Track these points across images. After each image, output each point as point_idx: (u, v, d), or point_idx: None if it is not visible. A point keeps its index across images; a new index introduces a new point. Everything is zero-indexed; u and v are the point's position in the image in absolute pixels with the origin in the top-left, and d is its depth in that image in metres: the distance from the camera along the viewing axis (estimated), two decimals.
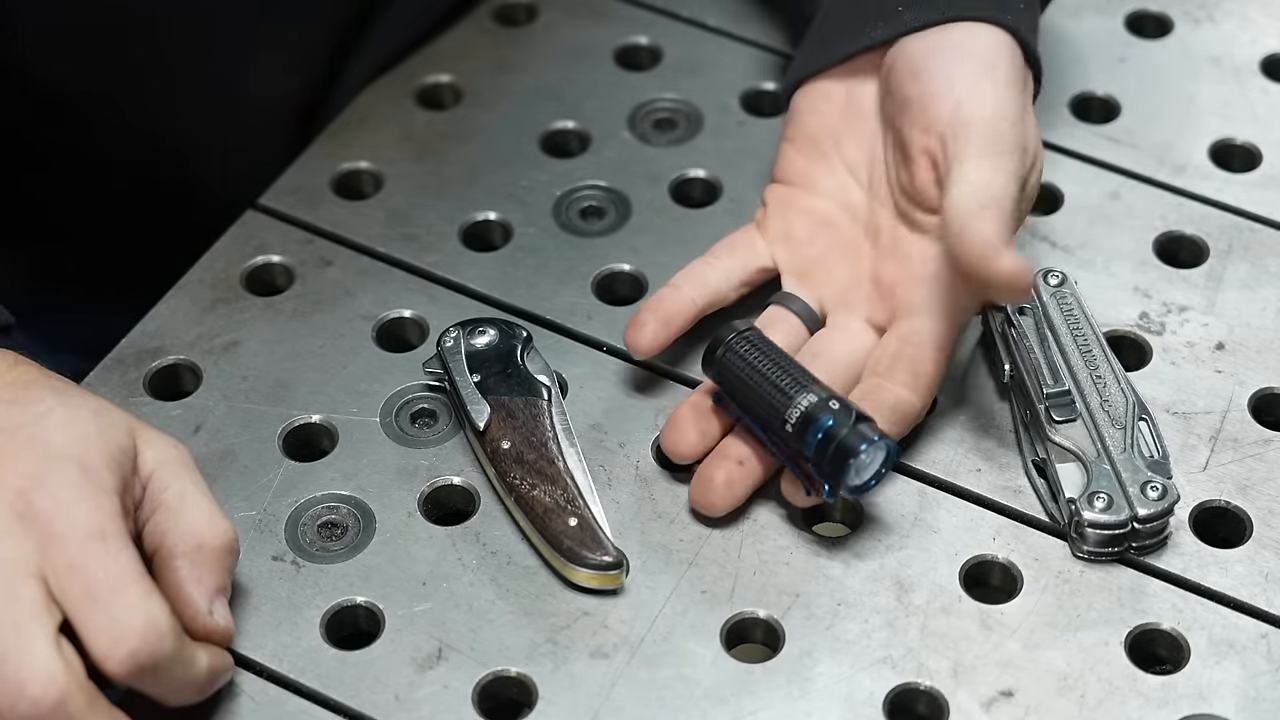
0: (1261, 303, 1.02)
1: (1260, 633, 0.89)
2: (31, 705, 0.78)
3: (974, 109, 0.93)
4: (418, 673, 0.88)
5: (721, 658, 0.89)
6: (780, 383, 0.91)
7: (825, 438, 0.89)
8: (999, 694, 0.87)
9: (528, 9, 1.18)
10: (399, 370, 0.99)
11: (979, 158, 0.91)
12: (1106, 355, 0.96)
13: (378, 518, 0.94)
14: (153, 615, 0.80)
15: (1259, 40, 1.16)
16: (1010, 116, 0.93)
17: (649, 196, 1.08)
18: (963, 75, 0.94)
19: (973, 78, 0.94)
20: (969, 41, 0.95)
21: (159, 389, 0.99)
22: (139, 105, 1.10)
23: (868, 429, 0.89)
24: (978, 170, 0.91)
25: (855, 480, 0.90)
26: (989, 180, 0.91)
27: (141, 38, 1.07)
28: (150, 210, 1.16)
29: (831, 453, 0.89)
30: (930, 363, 0.94)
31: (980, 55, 0.95)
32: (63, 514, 0.81)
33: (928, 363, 0.94)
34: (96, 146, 1.12)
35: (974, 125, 0.92)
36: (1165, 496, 0.91)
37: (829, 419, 0.89)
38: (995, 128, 0.92)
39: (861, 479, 0.90)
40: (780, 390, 0.90)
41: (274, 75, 1.12)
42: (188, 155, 1.13)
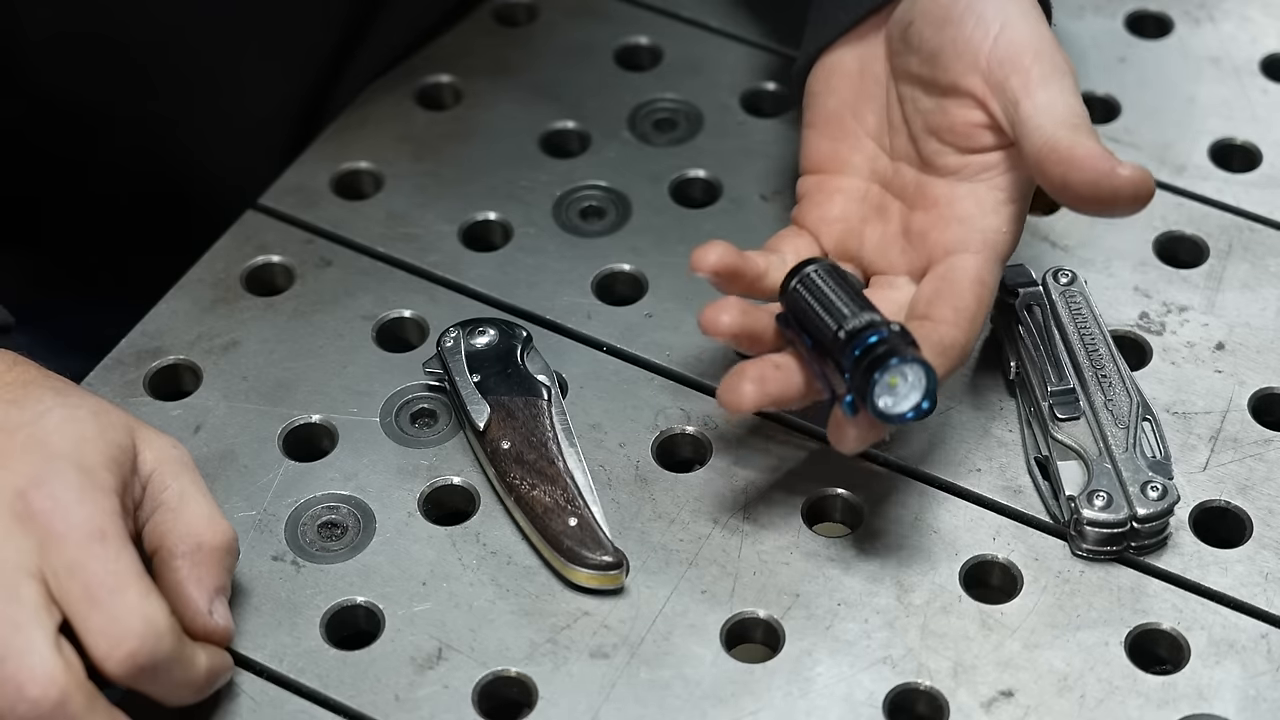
0: (1261, 303, 1.02)
1: (1260, 633, 0.89)
2: (31, 706, 0.78)
3: (1017, 38, 0.92)
4: (418, 673, 0.88)
5: (721, 658, 0.89)
6: (848, 304, 0.88)
7: (866, 349, 0.86)
8: (999, 694, 0.87)
9: (528, 9, 1.18)
10: (399, 370, 0.99)
11: (1045, 83, 0.90)
12: (1113, 354, 0.96)
13: (378, 518, 0.94)
14: (152, 616, 0.80)
15: (1259, 40, 1.16)
16: (1050, 37, 0.92)
17: (649, 196, 1.08)
18: (989, 9, 0.93)
19: (1000, 9, 0.93)
20: None
21: (159, 389, 0.99)
22: (139, 107, 1.10)
23: (914, 350, 0.86)
24: (1049, 95, 0.90)
25: (885, 399, 0.86)
26: (1066, 101, 0.90)
27: (141, 40, 1.07)
28: (150, 211, 1.16)
29: (866, 363, 0.86)
30: (970, 296, 0.91)
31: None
32: (62, 514, 0.81)
33: (967, 296, 0.91)
34: (96, 148, 1.12)
35: (1025, 54, 0.91)
36: (1165, 497, 0.91)
37: (882, 334, 0.86)
38: (1044, 51, 0.91)
39: (895, 403, 0.86)
40: (846, 309, 0.88)
41: (274, 75, 1.12)
42: (188, 155, 1.13)
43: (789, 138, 1.09)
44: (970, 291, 0.92)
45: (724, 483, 0.95)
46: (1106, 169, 0.87)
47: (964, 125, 0.93)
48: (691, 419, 0.97)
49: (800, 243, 0.97)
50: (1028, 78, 0.91)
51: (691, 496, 0.94)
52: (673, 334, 1.01)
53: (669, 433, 0.97)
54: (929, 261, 0.94)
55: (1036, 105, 0.90)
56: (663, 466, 0.96)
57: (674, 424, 0.97)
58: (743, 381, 0.89)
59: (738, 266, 0.92)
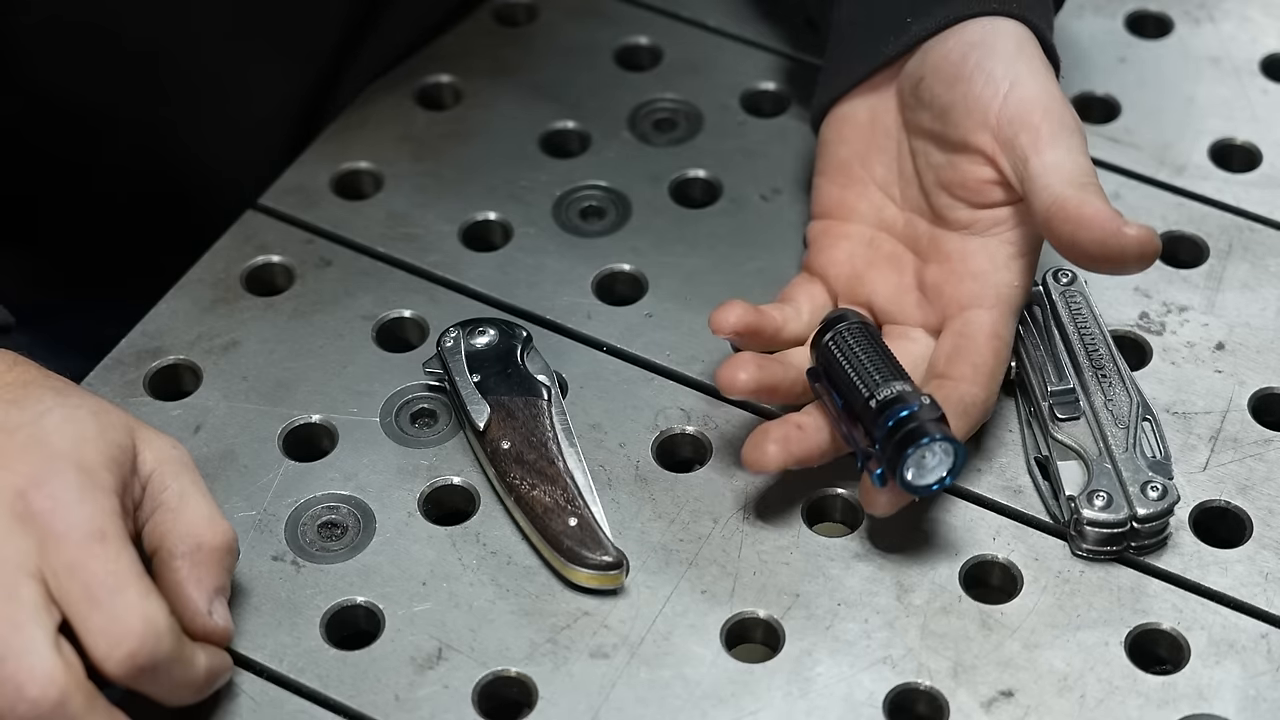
0: (1261, 303, 1.02)
1: (1260, 633, 0.89)
2: (31, 706, 0.78)
3: (1026, 96, 0.93)
4: (418, 673, 0.88)
5: (721, 658, 0.89)
6: (880, 369, 0.90)
7: (898, 423, 0.87)
8: (999, 694, 0.87)
9: (528, 9, 1.18)
10: (399, 370, 0.99)
11: (1054, 142, 0.91)
12: (1113, 355, 0.96)
13: (378, 518, 0.94)
14: (151, 616, 0.80)
15: (1259, 40, 1.16)
16: (1059, 95, 0.93)
17: (649, 196, 1.08)
18: (999, 67, 0.94)
19: (1009, 67, 0.94)
20: (989, 36, 0.95)
21: (159, 389, 0.99)
22: (138, 106, 1.10)
23: (943, 427, 0.88)
24: (1058, 154, 0.91)
25: (913, 472, 0.88)
26: (1074, 160, 0.91)
27: (141, 39, 1.07)
28: (150, 211, 1.16)
29: (898, 438, 0.87)
30: (987, 352, 0.93)
31: (1006, 45, 0.95)
32: (62, 514, 0.81)
33: (985, 353, 0.93)
34: (95, 147, 1.12)
35: (1034, 112, 0.92)
36: (1165, 497, 0.91)
37: (913, 408, 0.88)
38: (1053, 109, 0.92)
39: (923, 476, 0.88)
40: (878, 375, 0.89)
41: (274, 75, 1.12)
42: (188, 155, 1.13)
43: (789, 138, 1.10)
44: (987, 347, 0.93)
45: (724, 483, 0.95)
46: (1114, 229, 0.89)
47: (975, 181, 0.95)
48: (691, 419, 0.97)
49: (813, 290, 0.98)
50: (1037, 135, 0.92)
51: (691, 496, 0.94)
52: (673, 334, 1.01)
53: (669, 433, 0.97)
54: (944, 316, 0.95)
55: (1045, 164, 0.91)
56: (663, 466, 0.96)
57: (674, 424, 0.97)
58: (767, 442, 0.90)
59: (756, 324, 0.94)
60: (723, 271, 1.04)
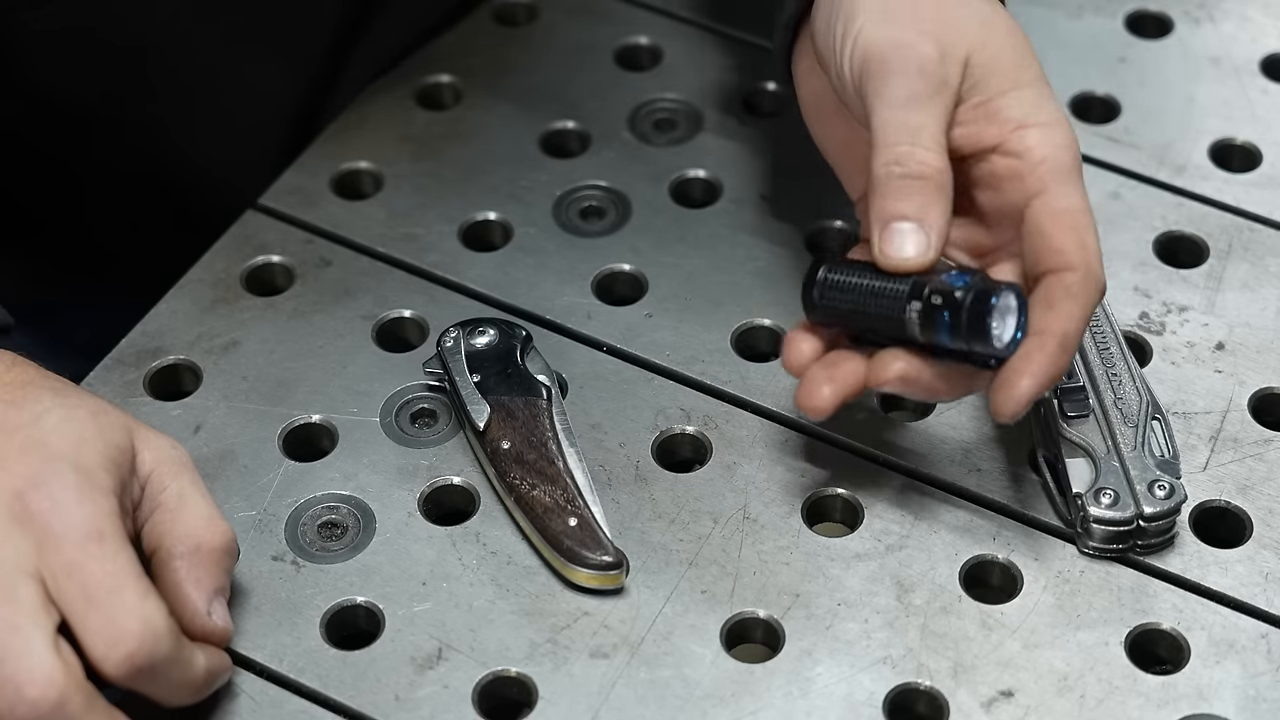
0: (1261, 303, 1.02)
1: (1260, 633, 0.89)
2: (30, 707, 0.78)
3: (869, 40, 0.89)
4: (418, 673, 0.88)
5: (721, 658, 0.89)
6: (883, 293, 0.87)
7: (953, 313, 0.85)
8: (999, 694, 0.87)
9: (528, 9, 1.18)
10: (399, 370, 0.99)
11: (882, 90, 0.89)
12: (1124, 353, 0.96)
13: (378, 518, 0.94)
14: (150, 617, 0.80)
15: (1259, 40, 1.16)
16: (909, 38, 0.89)
17: (649, 196, 1.08)
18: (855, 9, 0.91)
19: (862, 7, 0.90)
20: None
21: (159, 389, 0.99)
22: (137, 108, 1.10)
23: (981, 278, 0.86)
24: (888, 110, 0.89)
25: (1002, 330, 0.85)
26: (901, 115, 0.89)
27: (141, 41, 1.07)
28: (150, 211, 1.16)
29: (968, 313, 0.85)
30: (1083, 228, 0.88)
31: None
32: (60, 515, 0.81)
33: (1082, 229, 0.88)
34: (95, 148, 1.12)
35: (871, 59, 0.89)
36: (1172, 496, 0.91)
37: (960, 280, 0.86)
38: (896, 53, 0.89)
39: (1005, 328, 0.86)
40: (892, 284, 0.87)
41: (274, 76, 1.12)
42: (188, 156, 1.13)
43: (789, 138, 1.09)
44: (1061, 226, 0.88)
45: (724, 483, 0.95)
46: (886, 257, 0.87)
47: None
48: (691, 419, 0.97)
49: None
50: (878, 84, 0.89)
51: (691, 496, 0.94)
52: (673, 334, 1.01)
53: (669, 433, 0.97)
54: (1006, 227, 0.91)
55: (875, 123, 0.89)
56: (663, 466, 0.96)
57: (674, 424, 0.97)
58: (820, 386, 0.88)
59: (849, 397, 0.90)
60: (723, 271, 1.04)
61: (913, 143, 0.87)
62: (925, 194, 0.87)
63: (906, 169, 0.87)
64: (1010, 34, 0.91)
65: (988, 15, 0.91)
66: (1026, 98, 0.89)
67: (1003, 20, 0.92)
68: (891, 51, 0.88)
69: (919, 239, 0.87)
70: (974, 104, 0.89)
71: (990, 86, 0.89)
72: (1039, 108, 0.89)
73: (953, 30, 0.90)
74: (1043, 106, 0.89)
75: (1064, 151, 0.89)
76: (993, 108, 0.89)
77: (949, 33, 0.89)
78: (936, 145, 0.87)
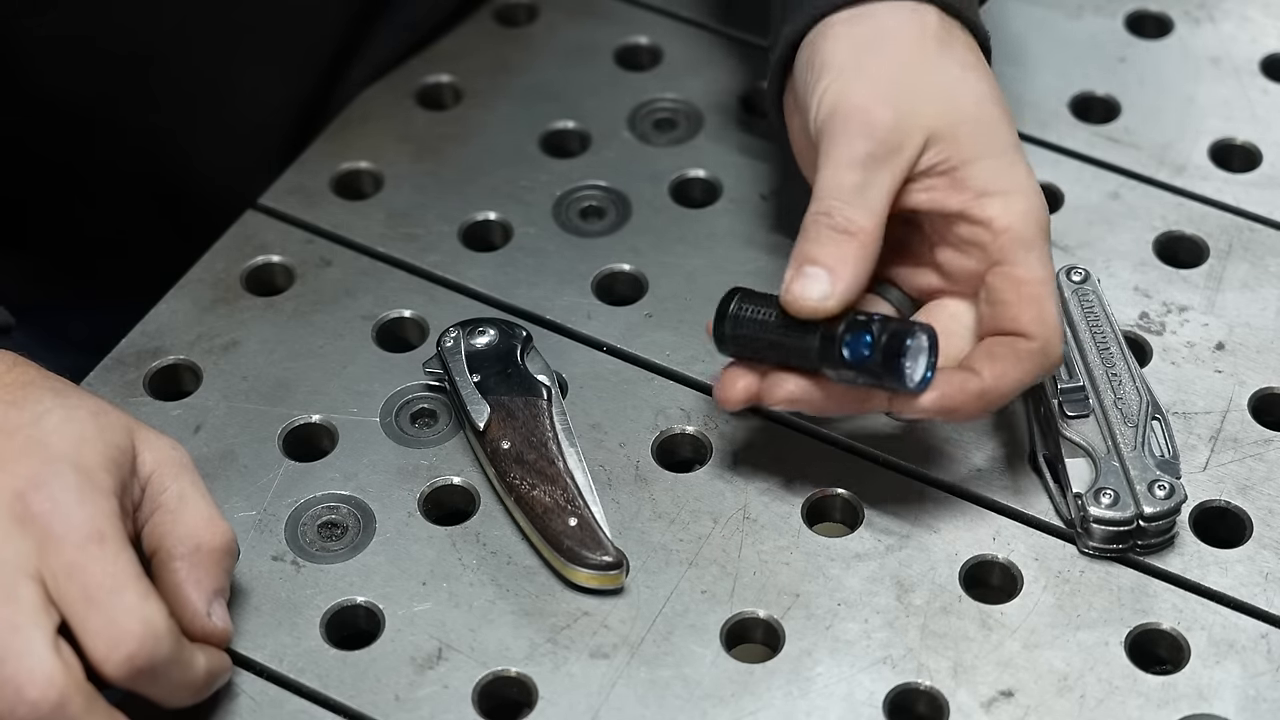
0: (1261, 303, 1.02)
1: (1260, 633, 0.89)
2: (31, 707, 0.78)
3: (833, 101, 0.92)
4: (418, 673, 0.88)
5: (721, 658, 0.89)
6: (795, 327, 0.89)
7: (870, 350, 0.87)
8: (999, 694, 0.87)
9: (528, 9, 1.18)
10: (399, 370, 0.99)
11: (828, 153, 0.91)
12: (1124, 353, 0.96)
13: (378, 518, 0.94)
14: (150, 618, 0.80)
15: (1259, 40, 1.16)
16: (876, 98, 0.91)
17: (649, 196, 1.08)
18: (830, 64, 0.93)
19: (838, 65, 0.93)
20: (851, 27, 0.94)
21: (159, 389, 0.99)
22: (141, 114, 1.10)
23: (895, 323, 0.88)
24: (824, 170, 0.91)
25: (914, 370, 0.88)
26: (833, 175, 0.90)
27: (145, 49, 1.07)
28: (149, 211, 1.16)
29: (884, 353, 0.87)
30: (1043, 296, 0.90)
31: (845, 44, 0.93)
32: (61, 516, 0.81)
33: (1041, 298, 0.90)
34: (96, 149, 1.12)
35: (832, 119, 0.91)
36: (1172, 496, 0.91)
37: (853, 336, 0.88)
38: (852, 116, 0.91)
39: (919, 368, 0.88)
40: (798, 334, 0.89)
41: (277, 83, 1.12)
42: (188, 156, 1.13)
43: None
44: (1021, 297, 0.90)
45: (724, 483, 0.95)
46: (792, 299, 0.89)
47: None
48: (691, 419, 0.97)
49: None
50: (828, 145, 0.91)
51: (691, 496, 0.94)
52: (673, 334, 1.01)
53: (669, 433, 0.97)
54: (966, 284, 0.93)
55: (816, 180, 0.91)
56: (663, 466, 0.96)
57: (674, 424, 0.97)
58: (737, 380, 0.90)
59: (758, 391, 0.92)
60: (723, 271, 1.04)
61: (845, 201, 0.89)
62: (844, 249, 0.89)
63: (833, 221, 0.89)
64: (980, 102, 0.92)
65: (958, 83, 0.93)
66: (992, 166, 0.91)
67: (975, 87, 0.93)
68: (849, 113, 0.91)
69: (824, 286, 0.88)
70: (938, 170, 0.91)
71: (955, 155, 0.91)
72: (1004, 176, 0.91)
73: (916, 97, 0.91)
74: (1008, 174, 0.91)
75: (1027, 221, 0.90)
76: (958, 176, 0.91)
77: (911, 100, 0.91)
78: (869, 208, 0.89)
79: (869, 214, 0.89)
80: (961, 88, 0.93)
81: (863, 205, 0.89)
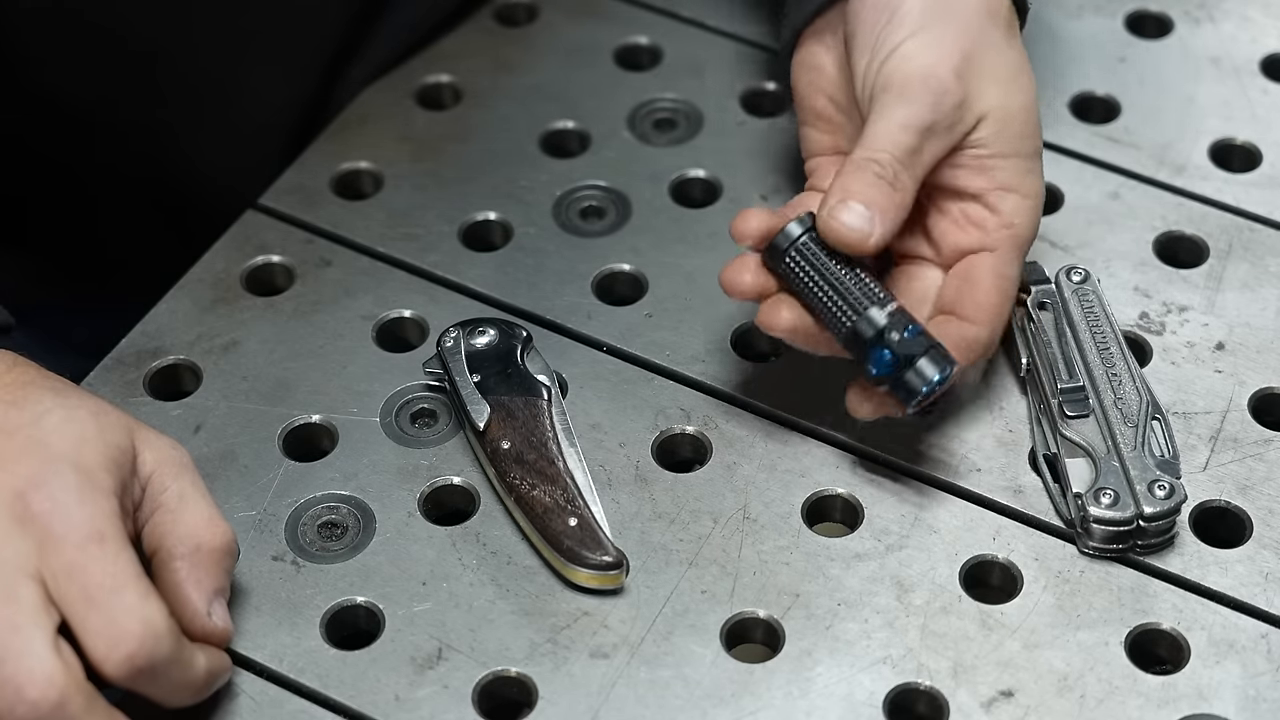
0: (1261, 303, 1.02)
1: (1260, 633, 0.89)
2: (31, 707, 0.78)
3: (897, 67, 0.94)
4: (418, 673, 0.88)
5: (721, 658, 0.89)
6: (854, 287, 0.91)
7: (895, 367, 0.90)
8: (999, 694, 0.87)
9: (528, 9, 1.18)
10: (399, 370, 0.99)
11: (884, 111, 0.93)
12: (1124, 353, 0.96)
13: (378, 518, 0.94)
14: (150, 617, 0.80)
15: (1259, 40, 1.16)
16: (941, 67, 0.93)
17: (649, 196, 1.08)
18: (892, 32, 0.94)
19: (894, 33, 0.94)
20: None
21: (159, 389, 0.99)
22: (145, 112, 1.10)
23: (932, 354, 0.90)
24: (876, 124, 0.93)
25: (920, 398, 0.90)
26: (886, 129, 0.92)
27: (141, 42, 1.07)
28: (150, 211, 1.16)
29: (899, 371, 0.89)
30: (993, 291, 0.93)
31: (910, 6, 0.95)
32: (61, 516, 0.81)
33: (991, 293, 0.93)
34: (96, 149, 1.12)
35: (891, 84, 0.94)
36: (1172, 496, 0.91)
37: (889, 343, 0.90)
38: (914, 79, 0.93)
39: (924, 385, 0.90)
40: (855, 294, 0.91)
41: (277, 81, 1.12)
42: (187, 155, 1.13)
43: (789, 138, 1.09)
44: (993, 287, 0.94)
45: (724, 483, 0.95)
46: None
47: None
48: (691, 419, 0.97)
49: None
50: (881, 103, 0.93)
51: (691, 496, 0.94)
52: (673, 334, 1.01)
53: (669, 433, 0.97)
54: (948, 257, 0.96)
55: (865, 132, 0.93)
56: (663, 466, 0.96)
57: (674, 424, 0.97)
58: (744, 272, 0.93)
59: (775, 228, 0.93)
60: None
61: (896, 157, 0.91)
62: (888, 196, 0.91)
63: (883, 171, 0.91)
64: (1028, 100, 0.96)
65: (1017, 72, 0.96)
66: (1021, 166, 0.95)
67: (1027, 80, 0.96)
68: (922, 77, 0.93)
69: (866, 223, 0.90)
70: (975, 153, 0.94)
71: (997, 145, 0.94)
72: (1027, 179, 0.95)
73: (983, 78, 0.94)
74: (1030, 179, 0.95)
75: (1029, 227, 0.95)
76: (990, 164, 0.94)
77: (979, 80, 0.94)
78: (914, 173, 0.92)
79: (914, 178, 0.92)
80: (1021, 79, 0.95)
81: (911, 168, 0.92)
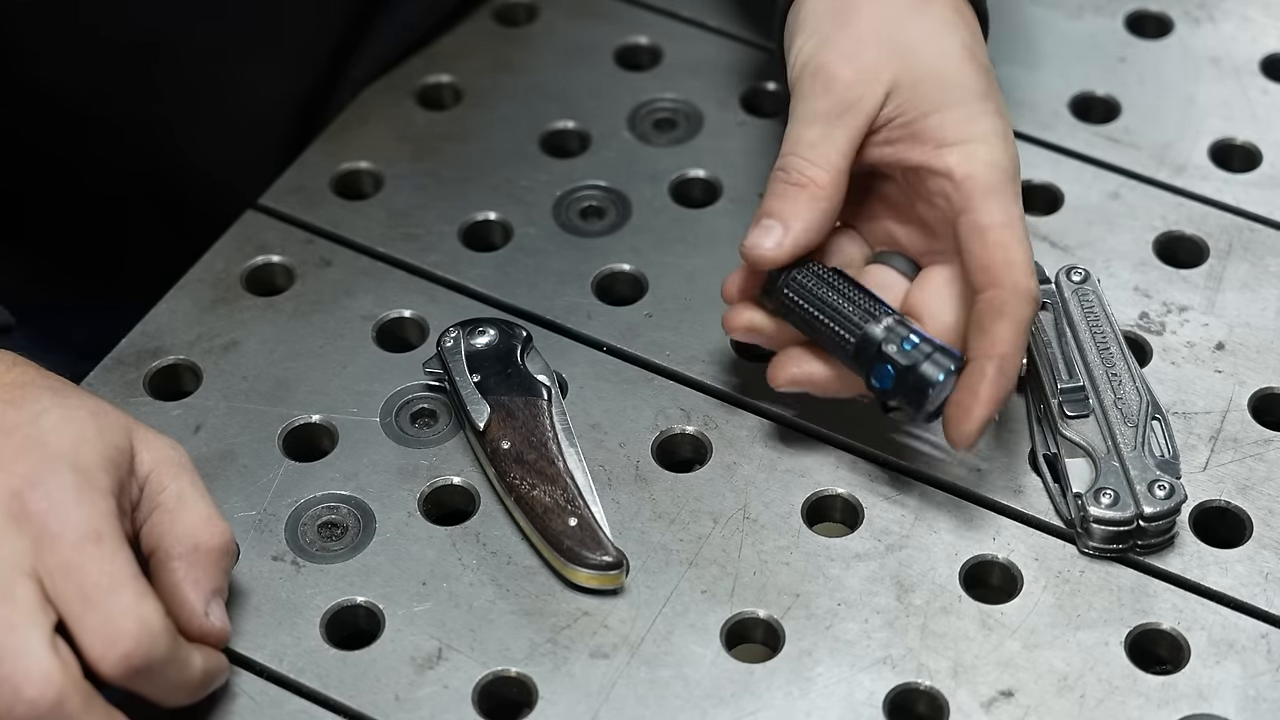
0: (1261, 303, 1.02)
1: (1260, 633, 0.89)
2: (29, 706, 0.78)
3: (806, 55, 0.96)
4: (418, 673, 0.88)
5: (721, 658, 0.89)
6: (843, 318, 0.92)
7: (896, 378, 0.90)
8: (999, 694, 0.87)
9: (528, 9, 1.18)
10: (399, 370, 0.99)
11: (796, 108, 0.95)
12: (1124, 353, 0.96)
13: (378, 518, 0.94)
14: (146, 617, 0.80)
15: (1259, 40, 1.16)
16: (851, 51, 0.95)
17: (649, 196, 1.08)
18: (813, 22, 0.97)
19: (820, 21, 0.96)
20: None
21: (159, 389, 0.99)
22: (141, 106, 1.10)
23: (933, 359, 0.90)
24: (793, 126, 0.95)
25: (933, 405, 0.91)
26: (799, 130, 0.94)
27: (141, 42, 1.07)
28: (150, 210, 1.16)
29: (909, 389, 0.90)
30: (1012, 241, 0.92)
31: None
32: (58, 515, 0.81)
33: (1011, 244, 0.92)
34: (91, 143, 1.12)
35: (802, 76, 0.95)
36: (1172, 496, 0.91)
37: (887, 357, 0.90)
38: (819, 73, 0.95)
39: (935, 402, 0.91)
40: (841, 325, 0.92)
41: (274, 77, 1.12)
42: (183, 150, 1.13)
43: None
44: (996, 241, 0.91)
45: (724, 483, 0.95)
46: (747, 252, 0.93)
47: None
48: (691, 419, 0.97)
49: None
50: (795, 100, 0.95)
51: (691, 496, 0.94)
52: (673, 334, 1.01)
53: (669, 433, 0.97)
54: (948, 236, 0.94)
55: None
56: (663, 466, 0.96)
57: (674, 424, 0.97)
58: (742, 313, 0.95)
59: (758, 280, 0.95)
60: (723, 271, 1.03)
61: (800, 155, 0.93)
62: (796, 202, 0.92)
63: (788, 177, 0.93)
64: (944, 54, 0.95)
65: (926, 38, 0.95)
66: (954, 117, 0.93)
67: (943, 41, 0.95)
68: (814, 72, 0.94)
69: (776, 236, 0.92)
70: (898, 123, 0.94)
71: (914, 107, 0.94)
72: (965, 125, 0.93)
73: (879, 54, 0.94)
74: (971, 124, 0.93)
75: (988, 168, 0.92)
76: (917, 128, 0.94)
77: (874, 57, 0.94)
78: (825, 161, 0.93)
79: (823, 167, 0.93)
80: (930, 43, 0.95)
81: (817, 158, 0.93)
